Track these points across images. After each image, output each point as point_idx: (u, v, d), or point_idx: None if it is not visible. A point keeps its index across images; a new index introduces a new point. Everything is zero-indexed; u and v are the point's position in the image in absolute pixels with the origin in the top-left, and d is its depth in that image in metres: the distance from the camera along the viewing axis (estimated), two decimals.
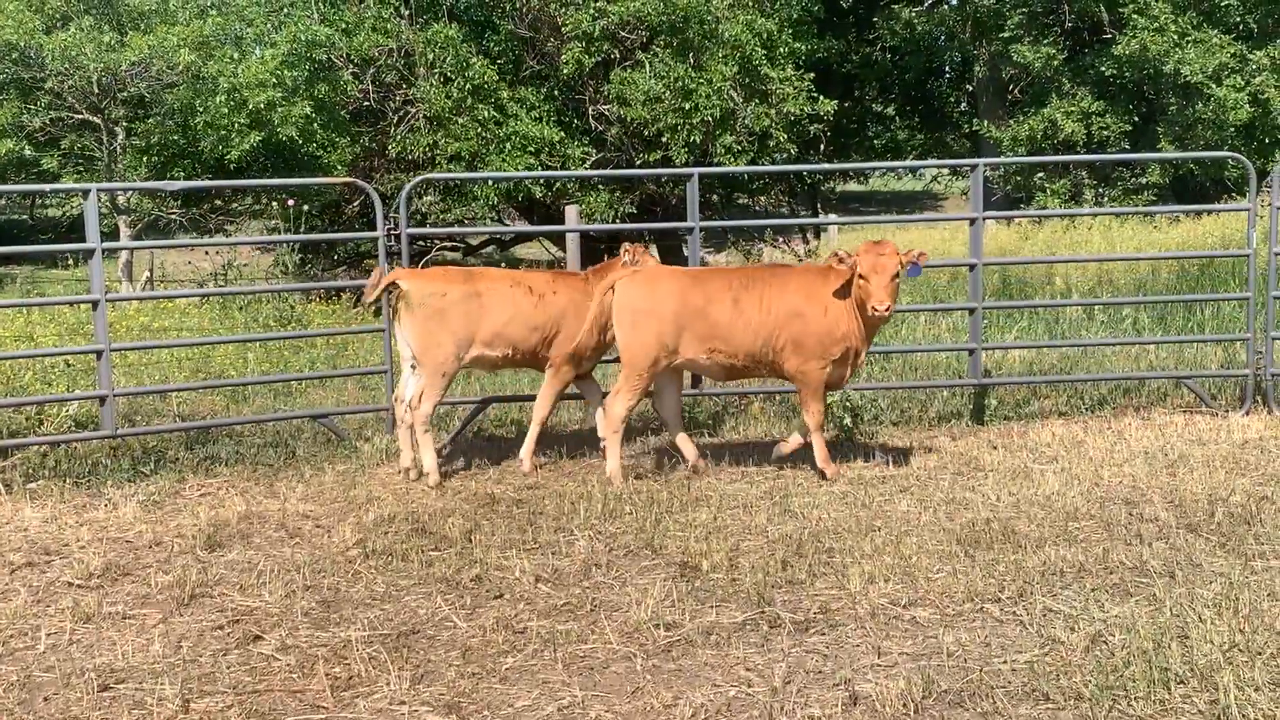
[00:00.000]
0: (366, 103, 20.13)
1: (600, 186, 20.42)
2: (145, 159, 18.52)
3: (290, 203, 17.36)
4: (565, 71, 19.68)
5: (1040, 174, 22.70)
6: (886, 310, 7.29)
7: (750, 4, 20.23)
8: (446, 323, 7.69)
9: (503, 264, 23.13)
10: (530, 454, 7.95)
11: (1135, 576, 5.63)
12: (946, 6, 26.47)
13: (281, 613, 5.48)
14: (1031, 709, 4.29)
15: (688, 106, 19.11)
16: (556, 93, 20.76)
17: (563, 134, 19.90)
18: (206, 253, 19.91)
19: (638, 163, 20.19)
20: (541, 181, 19.67)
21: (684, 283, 7.66)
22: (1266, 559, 5.79)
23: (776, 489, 7.37)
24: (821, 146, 26.94)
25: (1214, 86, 19.75)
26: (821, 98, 21.12)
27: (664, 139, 19.47)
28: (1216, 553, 5.91)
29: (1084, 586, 5.50)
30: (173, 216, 19.59)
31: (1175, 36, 20.08)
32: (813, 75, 21.50)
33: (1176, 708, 4.23)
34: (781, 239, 22.40)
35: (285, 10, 19.28)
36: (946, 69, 31.33)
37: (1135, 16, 20.51)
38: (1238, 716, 4.10)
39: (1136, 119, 22.49)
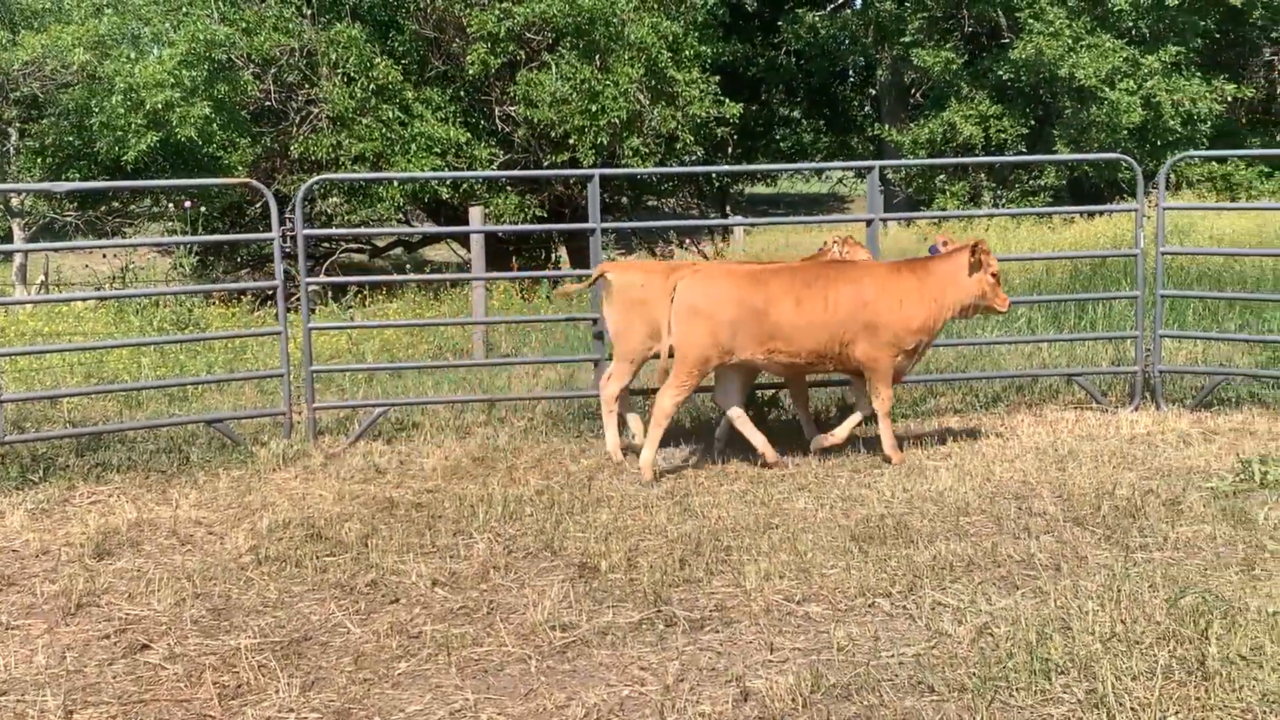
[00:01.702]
0: (268, 103, 19.86)
1: (509, 188, 20.36)
2: (40, 160, 18.11)
3: (188, 204, 17.06)
4: (471, 72, 19.59)
5: (941, 176, 23.09)
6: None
7: (655, 7, 20.30)
8: (643, 312, 7.95)
9: (408, 266, 22.94)
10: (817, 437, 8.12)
11: (1022, 569, 5.75)
12: (849, 11, 26.80)
13: (170, 621, 5.39)
14: (916, 701, 4.36)
15: (594, 108, 19.13)
16: (462, 94, 20.66)
17: (469, 135, 19.80)
18: (105, 255, 19.50)
19: (545, 164, 20.16)
20: (449, 183, 19.55)
21: (743, 284, 7.70)
22: (1149, 550, 5.95)
23: (678, 489, 7.40)
24: (729, 149, 27.13)
25: (1107, 90, 20.24)
26: (727, 100, 21.28)
27: (571, 141, 19.47)
28: (1101, 545, 6.06)
29: (972, 580, 5.61)
30: (69, 219, 19.18)
31: (1070, 41, 20.54)
32: (718, 78, 21.64)
33: (1056, 697, 4.33)
34: (689, 240, 22.51)
35: (184, 9, 18.96)
36: (850, 73, 31.74)
37: (1031, 21, 20.95)
38: (1114, 705, 4.21)
39: (1033, 122, 22.96)
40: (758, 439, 7.96)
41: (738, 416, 8.05)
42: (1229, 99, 21.75)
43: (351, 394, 10.16)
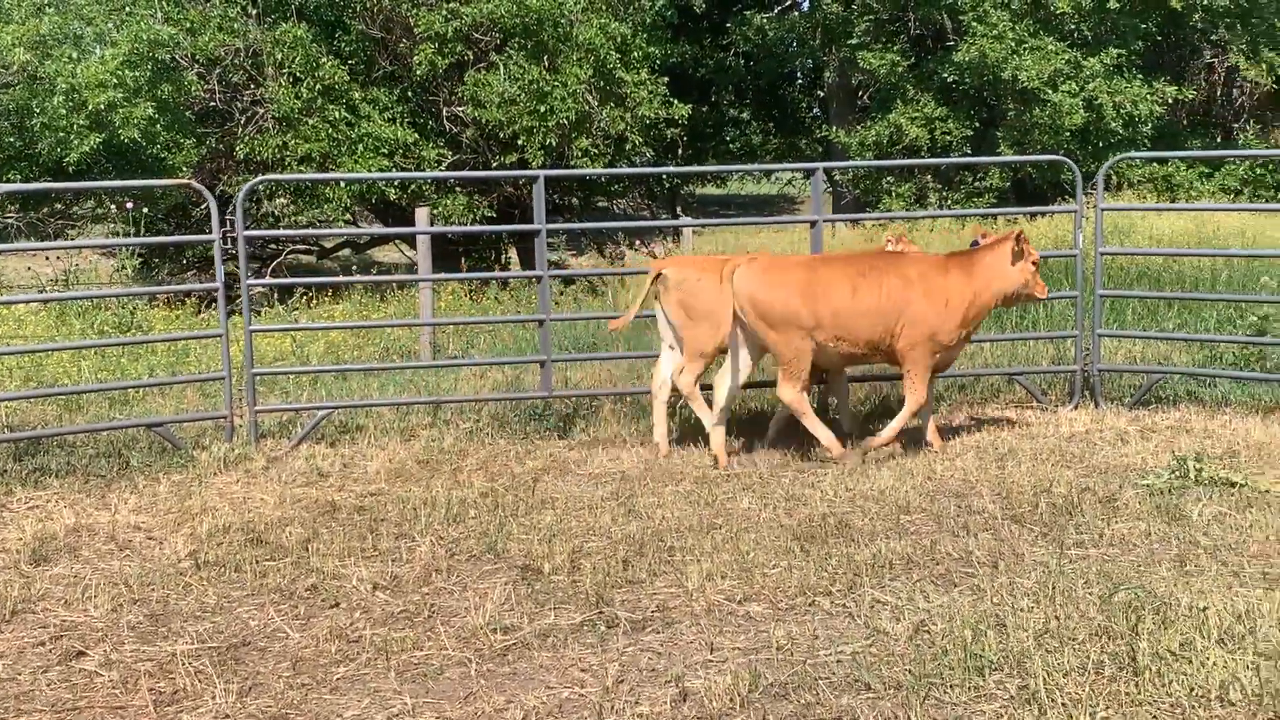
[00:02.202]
0: (213, 103, 19.67)
1: (458, 189, 20.29)
2: None
3: (130, 206, 16.87)
4: (418, 73, 19.50)
5: (889, 178, 23.26)
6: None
7: (604, 8, 20.30)
8: (702, 307, 8.13)
9: (354, 267, 22.80)
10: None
11: (960, 567, 5.82)
12: (797, 13, 26.93)
13: (107, 628, 5.34)
14: (852, 699, 4.40)
15: (543, 109, 19.10)
16: (410, 94, 20.56)
17: (417, 136, 19.71)
18: (47, 258, 19.22)
19: (494, 165, 20.10)
20: (396, 183, 19.45)
21: (802, 273, 7.83)
22: (1084, 547, 6.03)
23: (623, 490, 7.41)
24: (679, 150, 27.18)
25: (1050, 92, 20.47)
26: (676, 102, 21.30)
27: (520, 141, 19.42)
28: (1038, 542, 6.14)
29: (911, 578, 5.66)
30: (10, 221, 18.91)
31: (1013, 44, 20.75)
32: (667, 80, 21.67)
33: (990, 694, 4.39)
34: (639, 241, 22.53)
35: (127, 9, 18.72)
36: (798, 75, 31.88)
37: (975, 24, 21.14)
38: (1046, 701, 4.26)
39: (978, 124, 23.17)
40: (823, 431, 8.10)
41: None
42: (1170, 101, 22.07)
43: (295, 397, 10.09)
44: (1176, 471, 7.16)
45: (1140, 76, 21.62)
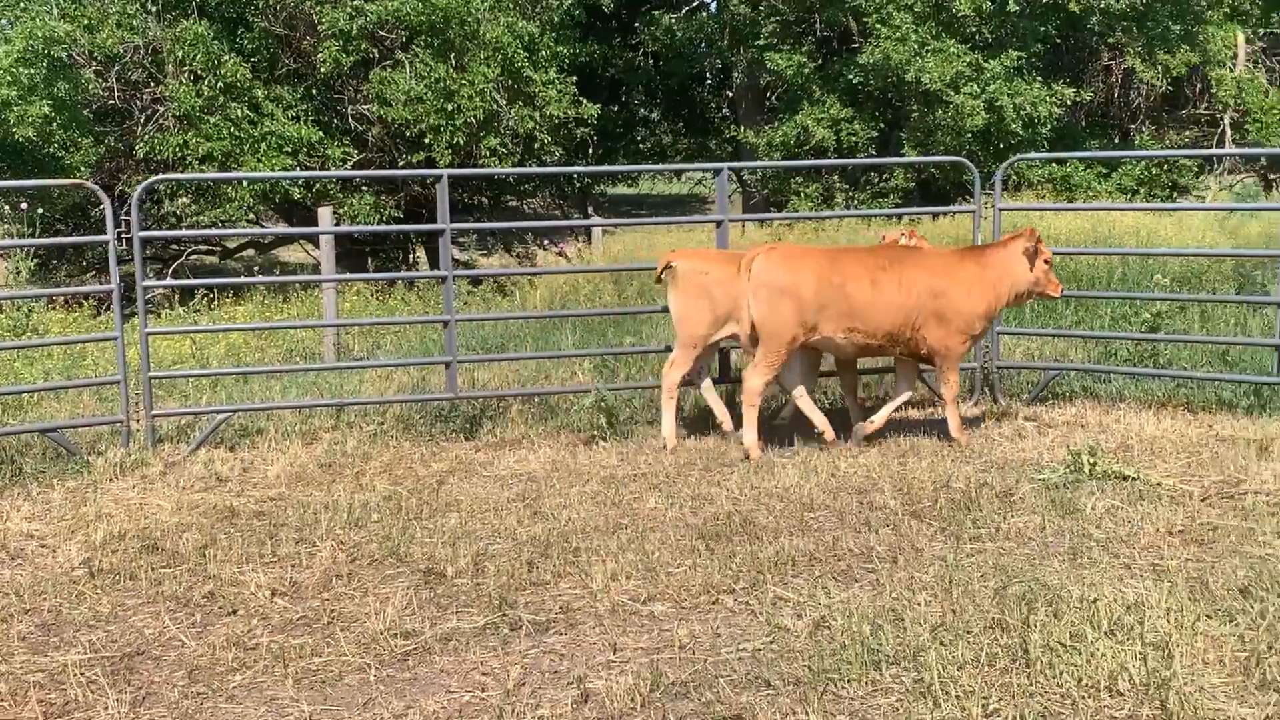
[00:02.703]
0: (111, 102, 19.22)
1: (364, 188, 20.06)
2: None
3: (23, 206, 16.43)
4: (323, 70, 19.24)
5: (798, 178, 23.46)
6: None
7: (511, 7, 20.21)
8: (709, 300, 8.29)
9: (256, 269, 22.45)
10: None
11: (861, 562, 5.89)
12: (705, 14, 27.03)
13: None
14: (752, 696, 4.43)
15: (450, 108, 18.95)
16: (314, 92, 20.27)
17: (321, 134, 19.45)
18: None
19: (400, 164, 19.91)
20: (301, 183, 19.18)
21: (822, 262, 7.93)
22: (981, 541, 6.14)
23: (529, 491, 7.38)
24: (589, 150, 27.15)
25: (952, 94, 20.79)
26: (585, 101, 21.28)
27: (427, 140, 19.26)
28: (937, 537, 6.24)
29: (814, 574, 5.72)
30: None
31: (916, 46, 21.05)
32: (576, 79, 21.63)
33: (886, 687, 4.45)
34: (548, 240, 22.48)
35: (21, 5, 18.24)
36: (707, 75, 32.02)
37: (879, 27, 21.41)
38: (940, 694, 4.33)
39: (883, 125, 23.47)
40: (818, 418, 8.29)
41: (800, 396, 8.38)
42: (1068, 102, 22.54)
43: (195, 400, 9.90)
44: (1071, 466, 7.33)
45: (1040, 79, 22.05)
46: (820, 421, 8.29)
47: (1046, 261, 8.34)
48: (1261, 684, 4.36)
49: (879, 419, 8.33)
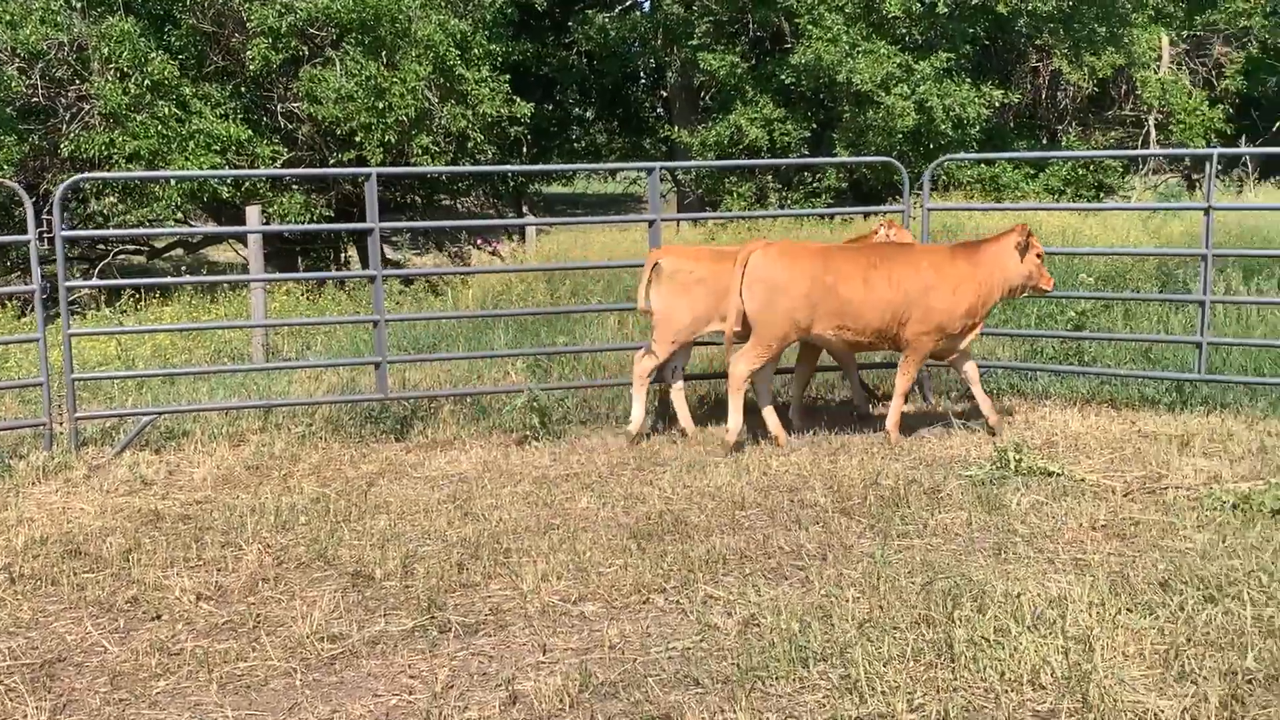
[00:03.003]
0: (35, 99, 18.83)
1: (295, 187, 19.84)
2: None
3: None
4: (252, 68, 18.98)
5: (733, 177, 23.53)
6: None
7: (443, 5, 20.08)
8: (693, 297, 8.41)
9: (184, 268, 22.14)
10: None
11: (791, 560, 5.92)
12: (638, 13, 27.02)
13: None
14: (681, 695, 4.44)
15: (381, 106, 18.79)
16: (244, 90, 20.01)
17: (250, 132, 19.19)
18: None
19: (331, 162, 19.72)
20: (230, 181, 18.92)
21: (816, 260, 8.02)
22: (909, 538, 6.20)
23: (460, 492, 7.34)
24: (524, 149, 27.05)
25: (883, 95, 20.95)
26: (519, 100, 21.20)
27: (358, 138, 19.08)
28: (866, 534, 6.29)
29: (744, 572, 5.75)
30: None
31: (847, 47, 21.18)
32: (509, 78, 21.54)
33: (813, 684, 4.48)
34: (481, 240, 22.36)
35: None
36: (641, 75, 32.02)
37: (810, 27, 21.52)
38: (866, 689, 4.37)
39: (815, 125, 23.60)
40: (772, 424, 8.39)
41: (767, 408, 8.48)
42: (997, 104, 22.80)
43: (120, 402, 9.74)
44: (997, 462, 7.42)
45: (969, 80, 22.29)
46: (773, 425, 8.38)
47: (1039, 256, 8.46)
48: (1180, 676, 4.45)
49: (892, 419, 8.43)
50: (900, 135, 21.24)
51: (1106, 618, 4.92)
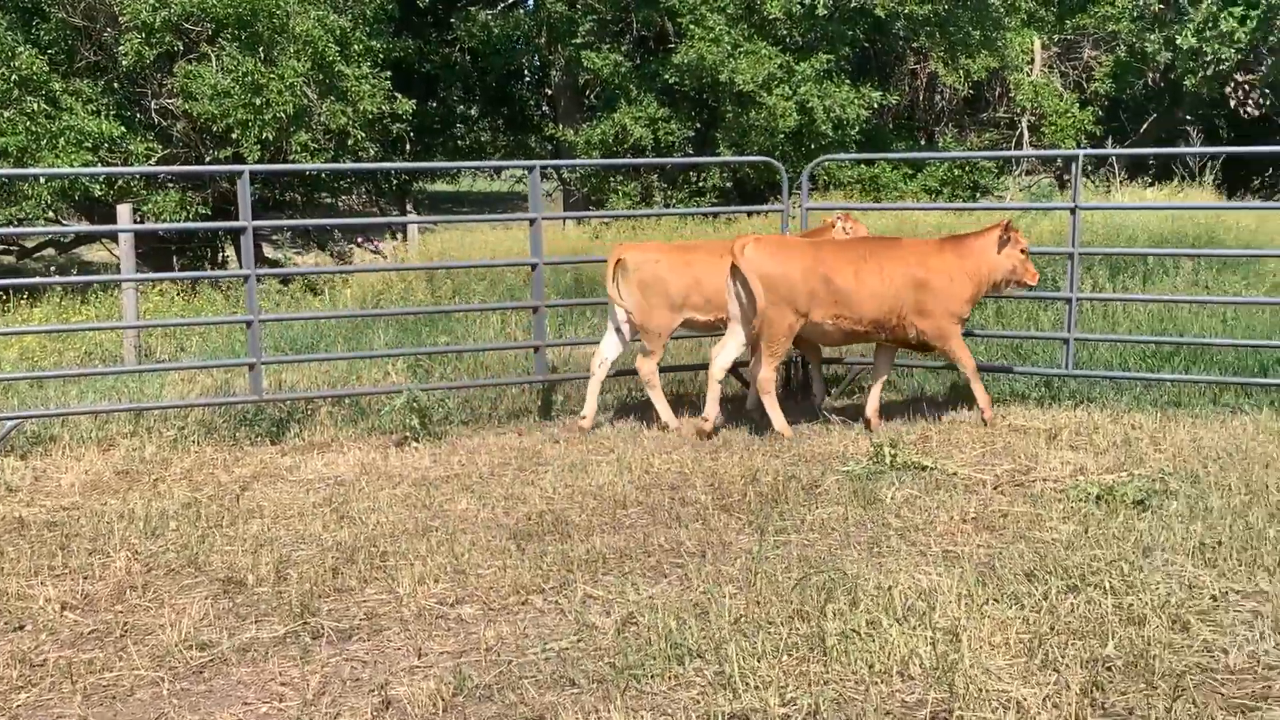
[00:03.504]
0: None
1: (170, 185, 19.37)
2: None
3: None
4: (125, 63, 18.51)
5: (619, 176, 23.57)
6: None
7: (322, 0, 19.78)
8: (660, 288, 8.61)
9: (53, 269, 21.49)
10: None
11: (671, 558, 5.96)
12: (522, 11, 26.91)
13: None
14: (557, 696, 4.44)
15: (259, 102, 18.43)
16: (116, 85, 19.49)
17: (124, 129, 18.70)
18: None
19: (207, 160, 19.29)
20: (102, 179, 18.41)
21: (810, 252, 8.14)
22: (787, 534, 6.28)
23: (336, 495, 7.25)
24: (406, 146, 26.76)
25: (765, 95, 21.16)
26: (400, 97, 20.97)
27: (234, 135, 18.70)
28: (745, 530, 6.36)
29: (624, 571, 5.77)
30: None
31: (729, 47, 21.35)
32: (391, 74, 21.29)
33: (689, 681, 4.51)
34: (361, 238, 22.10)
35: None
36: (526, 72, 31.89)
37: (693, 27, 21.65)
38: (740, 684, 4.42)
39: (699, 125, 23.75)
40: (711, 407, 8.51)
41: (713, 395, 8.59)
42: (876, 105, 23.17)
43: None
44: (874, 458, 7.56)
45: (849, 81, 22.62)
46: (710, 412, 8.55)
47: (1023, 250, 8.62)
48: (1043, 664, 4.57)
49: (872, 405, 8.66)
50: (782, 135, 21.47)
51: (974, 608, 5.04)
